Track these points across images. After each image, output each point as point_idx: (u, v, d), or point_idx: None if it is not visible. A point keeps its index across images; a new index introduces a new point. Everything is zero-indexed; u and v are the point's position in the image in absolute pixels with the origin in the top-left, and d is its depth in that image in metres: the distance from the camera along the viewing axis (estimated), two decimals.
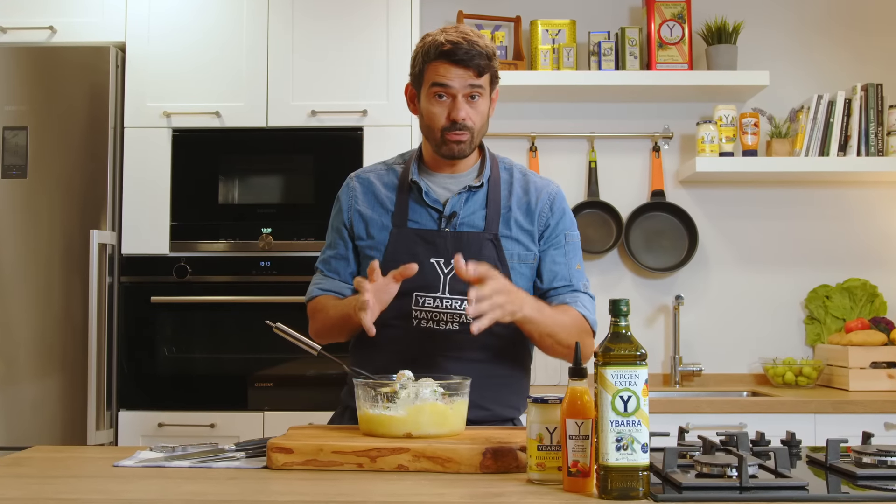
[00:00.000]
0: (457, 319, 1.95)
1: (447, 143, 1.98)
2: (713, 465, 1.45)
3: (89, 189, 3.10)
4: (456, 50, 1.92)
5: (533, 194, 2.05)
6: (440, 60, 1.94)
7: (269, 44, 3.20)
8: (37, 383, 3.05)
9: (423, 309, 1.95)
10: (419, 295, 1.95)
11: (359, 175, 2.13)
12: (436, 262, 1.96)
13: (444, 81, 1.94)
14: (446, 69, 1.94)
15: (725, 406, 3.00)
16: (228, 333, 3.16)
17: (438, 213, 2.01)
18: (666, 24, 3.52)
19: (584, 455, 1.39)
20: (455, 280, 1.94)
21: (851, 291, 3.58)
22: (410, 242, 1.99)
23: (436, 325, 1.95)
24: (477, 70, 1.94)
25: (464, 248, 1.96)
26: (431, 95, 1.97)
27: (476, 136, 2.00)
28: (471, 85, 1.94)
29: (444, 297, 1.95)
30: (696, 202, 3.68)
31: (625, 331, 1.40)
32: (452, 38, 1.93)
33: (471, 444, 1.56)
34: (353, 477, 1.52)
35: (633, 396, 1.36)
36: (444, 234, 1.99)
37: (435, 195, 2.03)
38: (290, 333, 1.89)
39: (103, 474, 1.57)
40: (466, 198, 2.02)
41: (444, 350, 1.95)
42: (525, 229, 2.02)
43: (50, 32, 3.21)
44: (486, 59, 1.95)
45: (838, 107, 3.43)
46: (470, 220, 2.00)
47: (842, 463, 1.58)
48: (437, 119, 1.97)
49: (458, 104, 1.95)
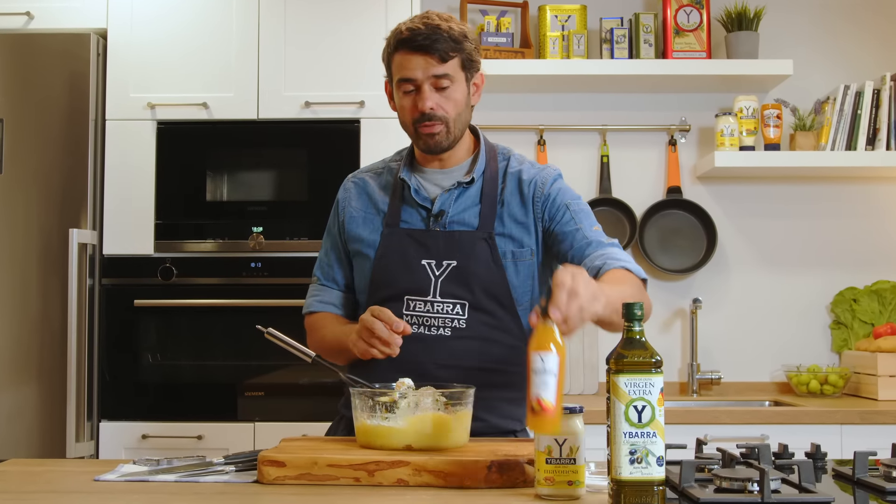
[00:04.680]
0: (449, 325, 1.95)
1: (421, 136, 1.98)
2: (733, 479, 1.45)
3: (68, 185, 3.11)
4: (414, 37, 1.92)
5: (526, 180, 2.03)
6: (401, 50, 1.95)
7: (259, 31, 3.20)
8: (13, 392, 3.05)
9: (413, 314, 1.96)
10: (410, 299, 1.96)
11: (355, 175, 2.16)
12: (427, 263, 1.97)
13: (406, 74, 1.95)
14: (407, 59, 1.94)
15: (746, 416, 3.00)
16: (217, 339, 3.16)
17: (427, 212, 2.01)
18: (683, 10, 3.52)
19: (547, 391, 1.41)
20: (447, 283, 1.95)
21: (880, 294, 3.57)
22: (401, 244, 1.99)
23: (427, 330, 1.96)
24: (439, 56, 1.93)
25: (456, 248, 1.96)
26: (399, 89, 1.98)
27: (453, 127, 1.98)
28: (434, 75, 1.94)
29: (436, 301, 1.96)
30: (714, 199, 3.68)
31: (639, 336, 1.40)
32: (411, 25, 1.94)
33: (475, 457, 1.56)
34: (350, 492, 1.52)
35: (647, 406, 1.36)
36: (436, 235, 1.99)
37: (425, 193, 2.03)
38: (283, 339, 1.89)
39: (84, 489, 1.57)
40: (458, 194, 2.02)
41: (436, 357, 1.94)
42: (519, 221, 2.00)
43: (27, 18, 3.21)
44: (452, 42, 1.93)
45: (866, 98, 3.43)
46: (462, 218, 2.00)
47: (870, 477, 1.58)
48: (407, 113, 1.98)
49: (425, 94, 1.95)
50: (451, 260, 1.97)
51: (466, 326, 1.96)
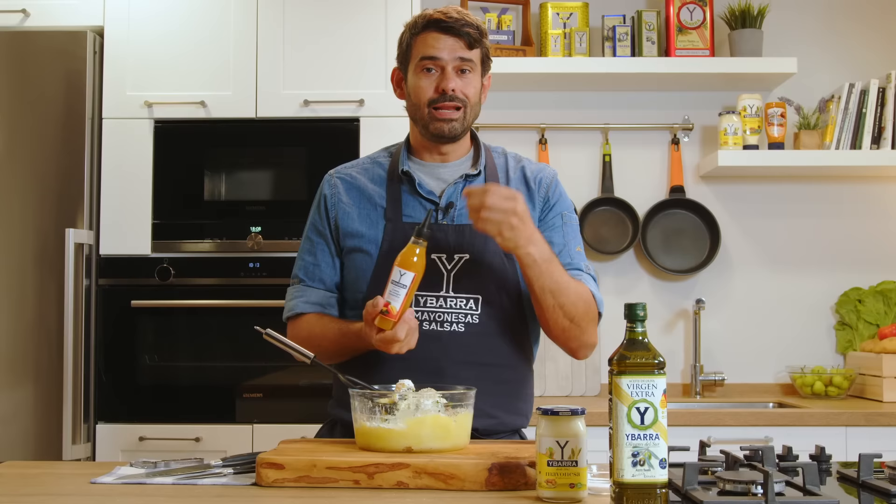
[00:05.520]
0: (462, 320, 1.95)
1: (435, 120, 1.98)
2: (737, 481, 1.45)
3: (65, 185, 3.11)
4: (446, 18, 1.97)
5: (531, 179, 2.07)
6: (429, 30, 1.98)
7: (258, 28, 3.20)
8: (8, 394, 3.05)
9: (425, 310, 1.95)
10: (420, 295, 1.95)
11: (339, 172, 2.12)
12: (437, 258, 1.96)
13: (432, 53, 1.97)
14: (435, 38, 1.97)
15: (750, 418, 3.00)
16: (214, 340, 3.16)
17: (434, 205, 2.00)
18: (686, 7, 3.52)
19: (397, 300, 1.76)
20: (459, 277, 1.95)
21: (886, 295, 3.57)
22: (407, 238, 1.96)
23: (440, 326, 1.95)
24: (467, 40, 1.97)
25: (467, 241, 1.96)
26: (419, 70, 1.99)
27: (468, 116, 2.00)
28: (461, 57, 1.97)
29: (448, 297, 1.95)
30: (718, 199, 3.68)
31: (641, 337, 1.40)
32: (442, 10, 1.99)
33: (476, 460, 1.56)
34: (349, 495, 1.52)
35: (650, 408, 1.36)
36: (445, 228, 1.98)
37: (428, 186, 2.03)
38: (282, 340, 1.88)
39: (80, 492, 1.57)
40: (463, 187, 2.02)
41: (450, 354, 1.94)
42: None
43: (22, 16, 3.21)
44: (477, 31, 1.99)
45: (871, 96, 3.43)
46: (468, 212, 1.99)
47: (875, 480, 1.58)
48: (424, 92, 1.99)
49: (448, 74, 1.97)
50: (462, 254, 1.96)
51: (479, 322, 1.95)
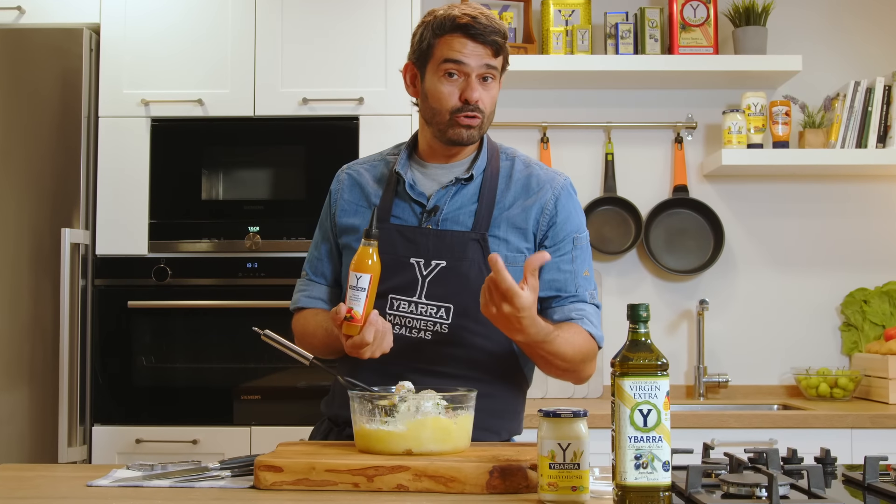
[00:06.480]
0: (430, 328, 1.93)
1: (456, 126, 1.95)
2: (741, 484, 1.45)
3: (60, 184, 3.11)
4: (475, 23, 1.92)
5: (535, 189, 2.00)
6: (456, 34, 1.93)
7: (256, 25, 3.20)
8: (3, 396, 3.05)
9: (397, 314, 1.94)
10: (395, 298, 1.94)
11: (350, 167, 2.13)
12: (415, 262, 1.94)
13: (459, 58, 1.92)
14: (462, 44, 1.93)
15: (754, 420, 3.00)
16: (212, 341, 3.16)
17: (422, 208, 1.99)
18: (689, 4, 3.52)
19: (358, 304, 1.78)
20: (434, 284, 1.93)
21: (892, 295, 3.57)
22: (390, 240, 1.95)
23: (408, 332, 1.93)
24: (494, 48, 1.94)
25: (446, 248, 1.94)
26: (441, 73, 1.94)
27: (486, 123, 1.99)
28: (486, 65, 1.94)
29: (420, 303, 1.93)
30: (722, 198, 3.68)
31: (644, 338, 1.40)
32: (469, 12, 1.94)
33: (477, 463, 1.56)
34: (349, 498, 1.52)
35: (653, 410, 1.36)
36: (427, 233, 1.96)
37: (421, 188, 2.01)
38: (280, 341, 1.88)
39: (76, 495, 1.57)
40: (455, 192, 1.99)
41: (412, 362, 1.92)
42: (518, 227, 1.97)
43: (18, 13, 3.21)
44: (502, 37, 1.95)
45: (877, 94, 3.42)
46: (456, 217, 1.97)
47: (881, 482, 1.58)
48: (447, 99, 1.94)
49: (473, 84, 1.93)
50: (440, 260, 1.94)
51: (448, 331, 1.93)
